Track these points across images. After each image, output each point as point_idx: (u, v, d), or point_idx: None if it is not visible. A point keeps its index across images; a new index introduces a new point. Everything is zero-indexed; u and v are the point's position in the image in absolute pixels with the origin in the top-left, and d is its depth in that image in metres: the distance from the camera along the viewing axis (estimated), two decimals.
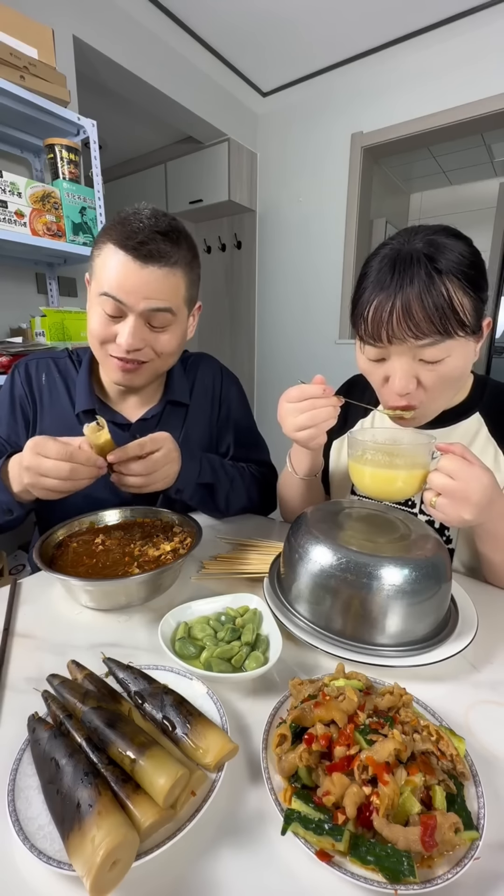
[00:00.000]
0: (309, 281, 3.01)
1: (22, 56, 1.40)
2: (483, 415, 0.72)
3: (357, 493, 0.84)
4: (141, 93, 2.33)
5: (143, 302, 0.68)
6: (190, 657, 0.48)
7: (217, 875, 0.30)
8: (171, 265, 0.69)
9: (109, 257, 0.68)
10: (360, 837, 0.30)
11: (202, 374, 0.95)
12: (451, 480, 0.53)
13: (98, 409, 0.82)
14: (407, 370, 0.61)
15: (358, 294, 0.64)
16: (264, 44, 2.37)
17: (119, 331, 0.71)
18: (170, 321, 0.73)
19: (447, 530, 0.73)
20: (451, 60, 2.26)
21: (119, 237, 0.66)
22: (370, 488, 0.61)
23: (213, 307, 3.55)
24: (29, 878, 0.30)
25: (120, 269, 0.67)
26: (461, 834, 0.30)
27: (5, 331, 1.79)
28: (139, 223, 0.67)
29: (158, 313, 0.70)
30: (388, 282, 0.58)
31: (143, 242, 0.66)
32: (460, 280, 0.57)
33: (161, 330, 0.73)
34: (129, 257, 0.66)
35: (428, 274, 0.56)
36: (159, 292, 0.69)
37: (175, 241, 0.69)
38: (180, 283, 0.72)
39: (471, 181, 3.76)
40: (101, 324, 0.71)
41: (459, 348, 0.60)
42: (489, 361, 3.71)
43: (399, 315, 0.57)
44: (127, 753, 0.33)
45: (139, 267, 0.67)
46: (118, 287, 0.67)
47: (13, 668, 0.49)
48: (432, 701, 0.43)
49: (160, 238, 0.67)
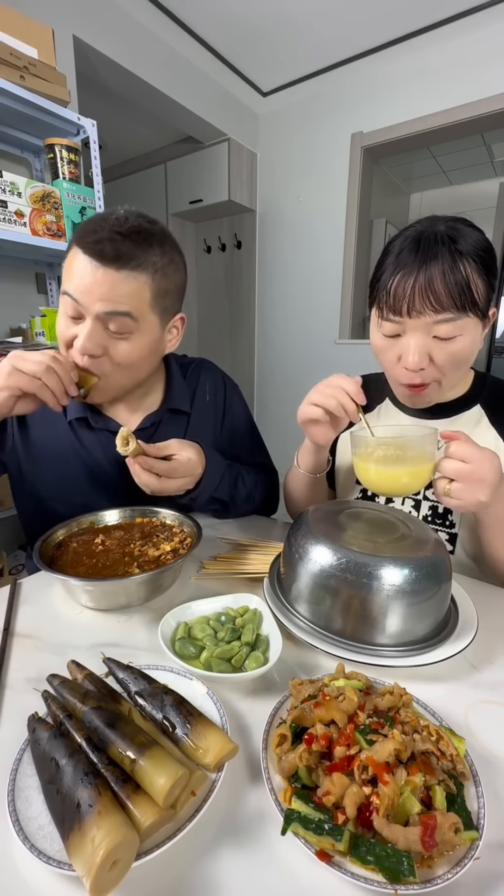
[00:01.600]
0: (309, 281, 3.02)
1: (22, 56, 1.40)
2: (483, 406, 0.75)
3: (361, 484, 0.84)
4: (141, 93, 2.33)
5: (99, 304, 0.65)
6: (190, 657, 0.48)
7: (217, 875, 0.30)
8: (133, 268, 0.65)
9: (72, 256, 0.66)
10: (360, 837, 0.30)
11: (204, 383, 0.93)
12: (464, 464, 0.55)
13: (90, 416, 0.79)
14: (421, 346, 0.64)
15: (380, 271, 0.67)
16: (264, 43, 2.37)
17: (78, 333, 0.68)
18: (130, 327, 0.68)
19: (450, 515, 0.74)
20: (451, 60, 2.26)
21: (80, 235, 0.65)
22: (377, 485, 0.62)
23: (213, 307, 3.55)
24: (29, 878, 0.30)
25: (78, 268, 0.65)
26: (461, 834, 0.30)
27: (5, 331, 1.79)
28: (102, 222, 0.65)
29: (116, 317, 0.66)
30: (413, 258, 0.62)
31: (100, 241, 0.63)
32: (477, 263, 0.61)
33: (120, 336, 0.68)
34: (87, 257, 0.64)
35: (451, 253, 0.60)
36: (116, 295, 0.65)
37: (141, 243, 0.66)
38: (144, 288, 0.67)
39: (471, 181, 3.76)
40: (64, 324, 0.70)
41: (471, 329, 0.63)
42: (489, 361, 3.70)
43: (422, 288, 0.60)
44: (127, 753, 0.33)
45: (95, 267, 0.64)
46: (75, 287, 0.65)
47: (13, 668, 0.49)
48: (432, 701, 0.43)
49: (120, 238, 0.64)
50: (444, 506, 0.74)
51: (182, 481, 0.68)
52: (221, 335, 3.57)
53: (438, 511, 0.75)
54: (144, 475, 0.65)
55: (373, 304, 0.69)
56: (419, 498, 0.77)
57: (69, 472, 0.80)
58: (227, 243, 3.32)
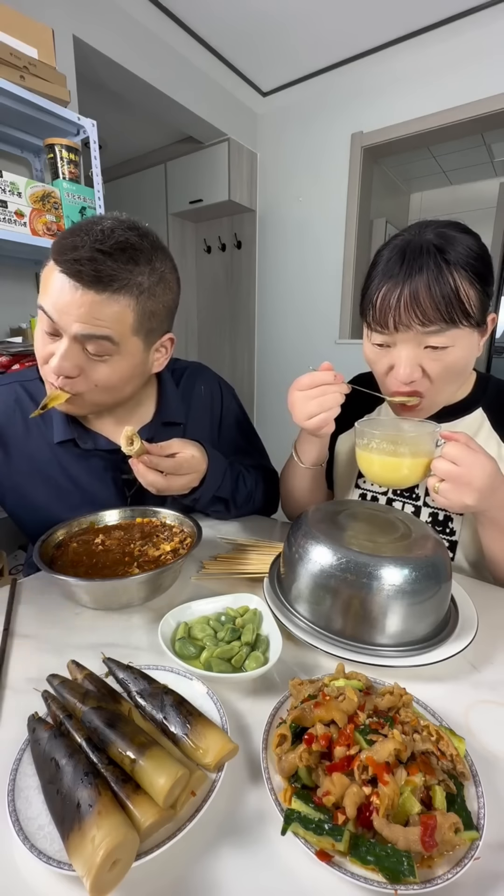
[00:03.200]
0: (309, 281, 3.01)
1: (22, 56, 1.40)
2: (486, 410, 0.74)
3: (360, 485, 0.84)
4: (141, 93, 2.32)
5: (76, 325, 0.60)
6: (190, 657, 0.48)
7: (217, 875, 0.30)
8: (115, 290, 0.59)
9: (50, 270, 0.60)
10: (360, 837, 0.30)
11: (199, 390, 0.90)
12: (454, 466, 0.55)
13: (78, 436, 0.74)
14: (412, 358, 0.63)
15: (368, 282, 0.66)
16: (264, 43, 2.37)
17: (55, 350, 0.63)
18: (109, 350, 0.63)
19: (451, 522, 0.74)
20: (452, 60, 2.26)
21: (57, 249, 0.58)
22: (377, 475, 0.64)
23: (213, 307, 3.55)
24: (29, 878, 0.30)
25: (55, 285, 0.59)
26: (461, 834, 0.30)
27: (5, 331, 1.79)
28: (84, 237, 0.58)
29: (94, 340, 0.61)
30: (398, 270, 0.60)
31: (79, 260, 0.57)
32: (467, 272, 0.59)
33: (99, 359, 0.63)
34: (63, 275, 0.58)
35: (437, 264, 0.58)
36: (95, 318, 0.60)
37: (126, 261, 0.59)
38: (126, 311, 0.61)
39: (471, 181, 3.76)
40: (41, 340, 0.64)
41: (464, 339, 0.62)
42: (489, 361, 3.70)
43: (407, 302, 0.59)
44: (127, 753, 0.33)
45: (73, 287, 0.58)
46: (52, 304, 0.60)
47: (13, 668, 0.49)
48: (432, 701, 0.43)
49: (101, 257, 0.57)
50: (443, 509, 0.74)
51: (187, 478, 0.68)
52: (221, 335, 3.56)
53: (439, 518, 0.75)
54: (150, 474, 0.64)
55: (363, 315, 0.69)
56: (419, 504, 0.77)
57: (60, 494, 0.77)
58: (227, 243, 3.32)
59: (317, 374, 0.65)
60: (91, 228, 0.59)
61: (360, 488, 0.84)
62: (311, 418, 0.64)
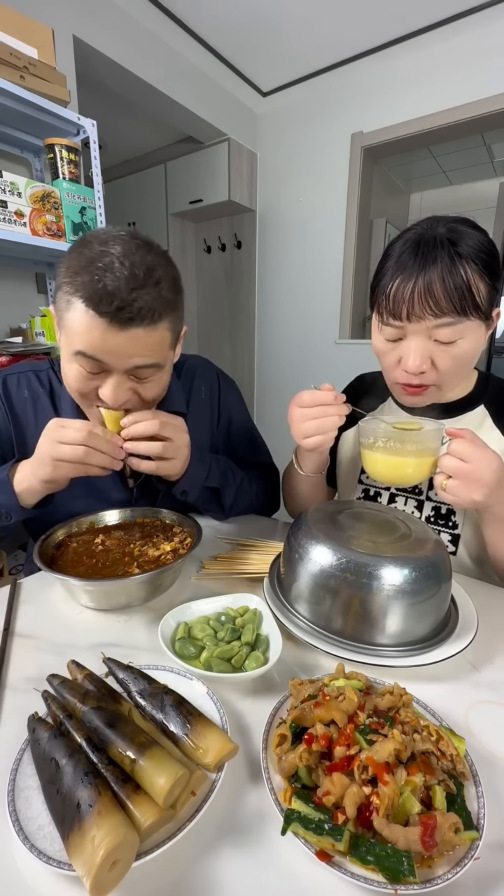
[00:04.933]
0: (309, 281, 3.01)
1: (22, 56, 1.40)
2: (487, 406, 0.75)
3: (363, 480, 0.85)
4: (141, 93, 2.32)
5: (128, 360, 0.61)
6: (190, 657, 0.48)
7: (217, 875, 0.30)
8: (156, 319, 0.61)
9: (80, 316, 0.58)
10: (360, 837, 0.30)
11: (199, 382, 0.92)
12: (462, 463, 0.56)
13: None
14: (422, 349, 0.64)
15: (380, 275, 0.67)
16: (264, 43, 2.37)
17: (101, 384, 0.64)
18: (156, 373, 0.66)
19: (453, 516, 0.74)
20: (452, 60, 2.26)
21: (90, 297, 0.57)
22: (382, 474, 0.64)
23: (213, 307, 3.55)
24: (29, 878, 0.30)
25: (96, 334, 0.59)
26: (461, 834, 0.30)
27: (5, 331, 1.79)
28: (110, 276, 0.56)
29: (145, 369, 0.64)
30: (412, 262, 0.61)
31: (122, 309, 0.57)
32: (478, 266, 0.61)
33: (147, 381, 0.67)
34: (104, 321, 0.57)
35: (450, 256, 0.60)
36: (145, 350, 0.62)
37: (154, 286, 0.60)
38: (166, 334, 0.64)
39: (471, 181, 3.76)
40: (80, 380, 0.64)
41: (472, 332, 0.63)
42: (489, 361, 3.70)
43: (421, 293, 0.60)
44: (127, 753, 0.33)
45: (118, 330, 0.58)
46: (96, 348, 0.60)
47: (13, 668, 0.49)
48: (432, 701, 0.43)
49: (139, 293, 0.58)
50: (445, 503, 0.74)
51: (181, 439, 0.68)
52: (221, 335, 3.56)
53: (441, 512, 0.75)
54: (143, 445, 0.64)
55: (373, 307, 0.69)
56: (422, 498, 0.77)
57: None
58: (227, 243, 3.32)
59: (317, 393, 0.64)
60: (110, 264, 0.57)
61: (364, 484, 0.84)
62: (308, 438, 0.64)
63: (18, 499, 0.65)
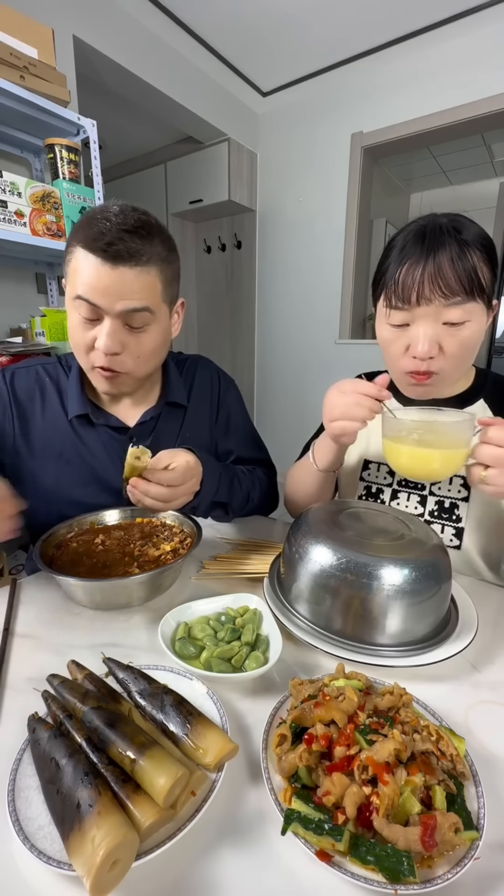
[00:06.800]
0: (309, 281, 3.02)
1: (22, 56, 1.40)
2: (487, 400, 0.76)
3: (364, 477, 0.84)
4: (141, 93, 2.33)
5: (119, 303, 0.66)
6: (190, 657, 0.48)
7: (217, 875, 0.30)
8: (144, 263, 0.66)
9: (80, 261, 0.65)
10: (360, 837, 0.30)
11: (200, 378, 0.94)
12: (501, 450, 0.53)
13: (91, 412, 0.80)
14: (430, 334, 0.65)
15: (385, 263, 0.68)
16: (264, 43, 2.37)
17: (97, 334, 0.68)
18: (148, 320, 0.70)
19: (457, 509, 0.74)
20: (452, 60, 2.26)
21: (86, 239, 0.64)
22: (406, 467, 0.61)
23: (213, 307, 3.55)
24: (29, 878, 0.30)
25: (91, 272, 0.65)
26: (461, 834, 0.30)
27: (5, 331, 1.79)
28: (106, 223, 0.64)
29: (136, 313, 0.68)
30: (420, 247, 0.63)
31: (111, 243, 0.63)
32: (482, 252, 0.63)
33: (140, 330, 0.71)
34: (98, 259, 0.64)
35: (458, 242, 0.62)
36: (134, 292, 0.66)
37: (145, 237, 0.66)
38: (156, 281, 0.69)
39: (471, 181, 3.76)
40: (79, 329, 0.69)
41: (478, 315, 0.65)
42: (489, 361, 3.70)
43: (431, 274, 0.62)
44: (127, 753, 0.33)
45: (110, 268, 0.64)
46: (91, 290, 0.65)
47: (13, 668, 0.49)
48: (432, 701, 0.43)
49: (128, 236, 0.64)
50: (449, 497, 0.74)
51: (190, 483, 0.67)
52: (221, 335, 3.56)
53: (445, 506, 0.75)
54: (154, 487, 0.63)
55: (378, 298, 0.70)
56: (425, 493, 0.77)
57: (70, 469, 0.80)
58: (227, 243, 3.32)
59: (359, 383, 0.63)
60: (105, 215, 0.65)
61: (365, 481, 0.84)
62: (334, 421, 0.64)
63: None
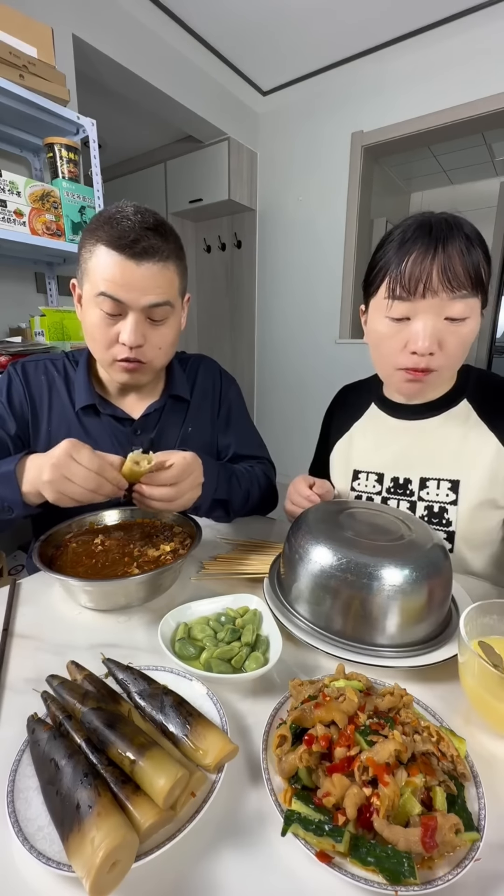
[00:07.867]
0: (309, 280, 3.01)
1: (21, 55, 1.40)
2: (470, 401, 0.75)
3: (355, 487, 0.84)
4: (141, 92, 2.32)
5: (144, 298, 0.69)
6: (190, 658, 0.48)
7: (217, 876, 0.30)
8: (164, 259, 0.70)
9: (102, 258, 0.68)
10: (361, 839, 0.30)
11: (202, 375, 0.97)
12: None
13: (98, 403, 0.82)
14: (432, 329, 0.64)
15: (381, 257, 0.67)
16: (264, 42, 2.37)
17: (120, 329, 0.72)
18: (168, 313, 0.74)
19: (446, 513, 0.74)
20: (452, 59, 2.26)
21: (110, 238, 0.67)
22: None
23: (213, 306, 3.55)
24: (28, 879, 0.30)
25: (116, 270, 0.67)
26: (462, 835, 0.30)
27: (5, 331, 1.79)
28: (127, 221, 0.67)
29: (159, 307, 0.72)
30: (427, 238, 0.62)
31: (137, 240, 0.66)
32: (481, 249, 0.63)
33: (160, 323, 0.75)
34: (122, 257, 0.67)
35: (465, 236, 0.62)
36: (157, 287, 0.70)
37: (163, 235, 0.70)
38: (174, 276, 0.74)
39: (471, 180, 3.76)
40: (102, 325, 0.72)
41: (477, 311, 0.65)
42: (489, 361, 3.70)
43: (442, 266, 0.61)
44: (126, 754, 0.33)
45: (135, 265, 0.68)
46: (117, 286, 0.68)
47: (13, 669, 0.49)
48: (433, 702, 0.43)
49: (151, 234, 0.68)
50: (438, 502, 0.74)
51: (192, 478, 0.66)
52: (221, 335, 3.56)
53: (434, 510, 0.75)
54: (157, 489, 0.62)
55: (373, 292, 0.69)
56: (414, 499, 0.76)
57: None
58: (227, 243, 3.32)
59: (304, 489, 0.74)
60: (125, 214, 0.68)
61: (356, 490, 0.84)
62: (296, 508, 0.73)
63: (23, 496, 0.63)
